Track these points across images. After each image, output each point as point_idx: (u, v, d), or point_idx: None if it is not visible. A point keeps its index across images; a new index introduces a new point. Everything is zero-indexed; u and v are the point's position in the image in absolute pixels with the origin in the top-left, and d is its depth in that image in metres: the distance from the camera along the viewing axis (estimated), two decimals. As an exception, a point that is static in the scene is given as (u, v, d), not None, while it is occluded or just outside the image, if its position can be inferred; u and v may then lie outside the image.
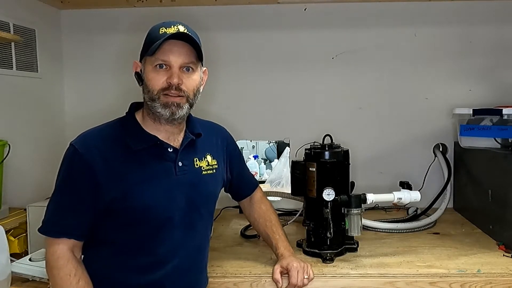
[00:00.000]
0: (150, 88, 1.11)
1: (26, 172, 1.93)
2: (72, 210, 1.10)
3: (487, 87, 2.13)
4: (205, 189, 1.24)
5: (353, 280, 1.36)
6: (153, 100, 1.11)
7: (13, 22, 1.84)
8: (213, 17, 2.15)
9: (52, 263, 1.08)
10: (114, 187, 1.08)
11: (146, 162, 1.12)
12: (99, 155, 1.08)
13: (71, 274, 1.07)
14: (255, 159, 3.00)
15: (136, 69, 1.17)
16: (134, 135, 1.14)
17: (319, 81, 2.19)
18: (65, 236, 1.09)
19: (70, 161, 1.10)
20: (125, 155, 1.11)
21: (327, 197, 1.42)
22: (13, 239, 1.61)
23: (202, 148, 1.24)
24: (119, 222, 1.11)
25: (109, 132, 1.14)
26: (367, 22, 2.15)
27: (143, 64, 1.14)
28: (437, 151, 2.06)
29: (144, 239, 1.12)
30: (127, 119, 1.18)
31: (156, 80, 1.11)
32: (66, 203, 1.10)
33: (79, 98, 2.26)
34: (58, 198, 1.11)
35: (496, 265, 1.40)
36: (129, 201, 1.09)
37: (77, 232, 1.10)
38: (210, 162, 1.25)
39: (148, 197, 1.11)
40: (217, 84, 2.15)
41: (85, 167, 1.07)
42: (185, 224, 1.17)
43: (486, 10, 2.10)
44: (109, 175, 1.08)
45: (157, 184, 1.12)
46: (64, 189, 1.11)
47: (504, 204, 1.57)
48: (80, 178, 1.08)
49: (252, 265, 1.43)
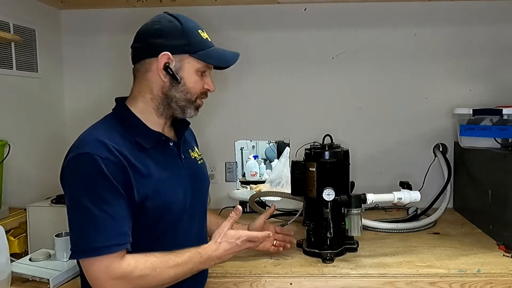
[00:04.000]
0: (192, 91, 1.12)
1: (26, 172, 1.93)
2: (123, 215, 1.01)
3: (487, 87, 2.13)
4: (204, 177, 1.28)
5: (353, 280, 1.36)
6: (189, 101, 1.12)
7: (13, 22, 1.84)
8: (213, 17, 2.16)
9: (135, 272, 1.00)
10: (143, 186, 1.04)
11: (159, 159, 1.11)
12: (122, 155, 1.02)
13: (147, 257, 1.02)
14: (255, 159, 3.00)
15: (168, 60, 1.08)
16: (142, 133, 1.11)
17: (319, 81, 2.19)
18: (126, 245, 1.00)
19: (95, 168, 0.98)
20: (140, 153, 1.08)
21: (327, 197, 1.42)
22: (13, 239, 1.60)
23: (189, 140, 1.28)
24: (142, 221, 1.07)
25: (114, 132, 1.08)
26: (367, 22, 2.15)
27: (180, 60, 1.09)
28: (437, 151, 2.06)
29: (162, 234, 1.11)
30: (125, 116, 1.12)
31: (199, 85, 1.13)
32: (115, 209, 0.99)
33: (79, 98, 2.26)
34: (102, 208, 0.98)
35: (496, 265, 1.40)
36: (155, 199, 1.06)
37: (130, 238, 1.02)
38: (198, 152, 1.29)
39: (170, 193, 1.10)
40: (216, 84, 2.14)
41: (118, 170, 1.00)
42: (197, 214, 1.20)
43: (486, 10, 2.10)
44: (137, 174, 1.03)
45: (173, 179, 1.12)
46: (105, 197, 0.99)
47: (504, 204, 1.57)
48: (116, 181, 0.99)
49: (252, 265, 1.43)
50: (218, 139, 2.22)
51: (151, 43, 1.09)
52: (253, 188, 2.39)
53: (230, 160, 2.26)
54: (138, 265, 1.01)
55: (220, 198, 2.21)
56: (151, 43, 1.09)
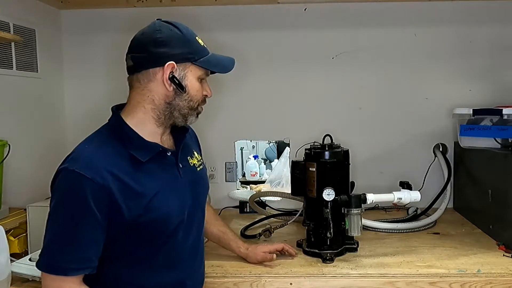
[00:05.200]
0: (194, 99, 1.12)
1: (26, 172, 1.93)
2: (91, 241, 1.00)
3: (487, 87, 2.13)
4: (204, 184, 1.27)
5: (353, 280, 1.36)
6: (192, 109, 1.13)
7: (13, 22, 1.84)
8: (213, 17, 2.16)
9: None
10: (134, 205, 1.03)
11: (155, 171, 1.09)
12: (110, 175, 1.00)
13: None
14: (255, 159, 3.00)
15: (172, 69, 1.07)
16: (138, 146, 1.08)
17: (319, 81, 2.19)
18: (85, 271, 0.99)
19: (79, 190, 0.97)
20: (134, 168, 1.05)
21: (327, 197, 1.42)
22: (13, 239, 1.61)
23: (188, 146, 1.25)
24: (138, 235, 1.06)
25: (108, 147, 1.06)
26: (367, 22, 2.15)
27: (183, 69, 1.08)
28: (437, 151, 2.06)
29: (162, 244, 1.11)
30: (119, 128, 1.09)
31: (200, 92, 1.13)
32: (84, 235, 0.98)
33: (79, 98, 2.26)
34: (71, 230, 0.98)
35: (496, 265, 1.40)
36: (150, 215, 1.05)
37: (95, 263, 1.01)
38: (198, 158, 1.26)
39: (167, 206, 1.09)
40: (216, 85, 2.15)
41: (101, 192, 0.98)
42: (195, 222, 1.19)
43: (486, 10, 2.10)
44: (126, 193, 1.01)
45: (170, 191, 1.11)
46: (78, 220, 0.98)
47: (504, 204, 1.57)
48: (96, 205, 0.97)
49: (252, 265, 1.43)
50: (218, 139, 2.22)
51: (155, 53, 1.07)
52: (253, 188, 2.39)
53: (230, 160, 2.26)
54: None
55: (220, 198, 2.21)
56: (155, 52, 1.07)
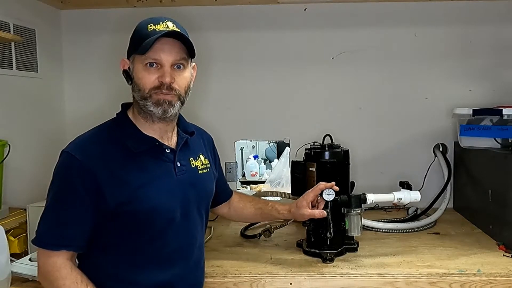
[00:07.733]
0: (141, 87, 1.10)
1: (26, 172, 1.93)
2: (74, 220, 1.05)
3: (487, 87, 2.13)
4: (204, 188, 1.25)
5: (353, 280, 1.36)
6: (144, 98, 1.10)
7: (13, 22, 1.84)
8: (213, 17, 2.15)
9: (55, 274, 1.04)
10: (119, 192, 1.06)
11: (147, 164, 1.11)
12: (100, 160, 1.06)
13: (77, 282, 1.04)
14: (255, 159, 3.00)
15: (124, 67, 1.14)
16: (133, 137, 1.12)
17: (319, 81, 2.19)
18: (66, 248, 1.05)
19: (68, 169, 1.06)
20: (125, 158, 1.09)
21: (327, 197, 1.42)
22: (13, 239, 1.60)
23: (194, 148, 1.26)
24: (124, 226, 1.09)
25: (105, 135, 1.12)
26: (367, 22, 2.15)
27: (132, 62, 1.12)
28: (437, 151, 2.06)
29: (149, 240, 1.11)
30: (121, 120, 1.16)
31: (147, 79, 1.09)
32: (67, 213, 1.06)
33: (79, 98, 2.26)
34: (57, 208, 1.06)
35: (496, 265, 1.40)
36: (134, 205, 1.07)
37: (79, 243, 1.07)
38: (204, 162, 1.26)
39: (153, 199, 1.10)
40: (216, 84, 2.16)
41: (87, 175, 1.04)
42: (188, 223, 1.18)
43: (486, 10, 2.10)
44: (112, 180, 1.05)
45: (160, 185, 1.12)
46: (63, 198, 1.06)
47: (504, 204, 1.57)
48: (81, 186, 1.04)
49: (252, 265, 1.43)
50: (218, 139, 2.19)
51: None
52: (253, 188, 2.39)
53: (230, 160, 2.25)
54: (67, 278, 1.04)
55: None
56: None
